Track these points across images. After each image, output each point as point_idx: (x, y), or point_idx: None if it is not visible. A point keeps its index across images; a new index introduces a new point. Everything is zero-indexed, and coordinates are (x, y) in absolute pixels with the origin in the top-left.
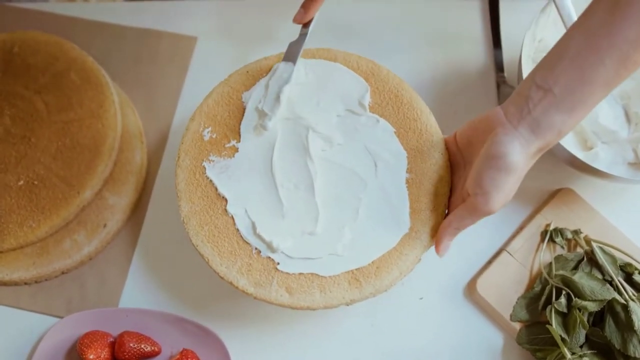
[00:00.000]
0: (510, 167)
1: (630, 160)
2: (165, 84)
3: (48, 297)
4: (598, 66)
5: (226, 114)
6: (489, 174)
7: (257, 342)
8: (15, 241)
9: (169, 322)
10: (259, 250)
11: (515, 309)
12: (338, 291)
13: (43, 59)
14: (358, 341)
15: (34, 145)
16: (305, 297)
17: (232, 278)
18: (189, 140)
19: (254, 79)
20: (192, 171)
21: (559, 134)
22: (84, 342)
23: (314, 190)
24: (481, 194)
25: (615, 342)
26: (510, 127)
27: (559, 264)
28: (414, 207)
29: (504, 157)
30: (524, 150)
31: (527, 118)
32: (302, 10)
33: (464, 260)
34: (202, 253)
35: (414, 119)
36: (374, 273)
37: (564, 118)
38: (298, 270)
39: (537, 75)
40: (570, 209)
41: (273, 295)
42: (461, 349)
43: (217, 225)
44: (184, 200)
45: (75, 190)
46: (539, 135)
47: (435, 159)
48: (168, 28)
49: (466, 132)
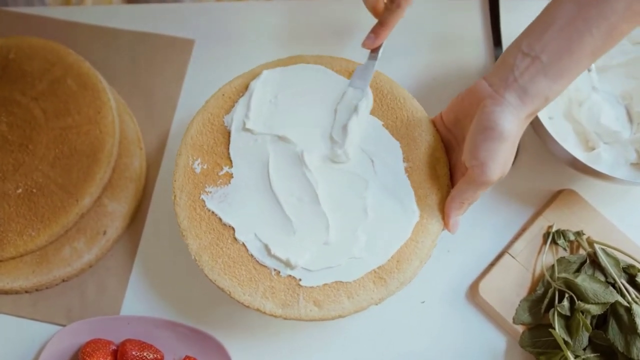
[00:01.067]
0: (503, 136)
1: (633, 161)
2: (163, 88)
3: (49, 306)
4: (586, 35)
5: (212, 141)
6: (484, 145)
7: (259, 348)
8: (15, 250)
9: (171, 330)
10: (277, 270)
11: (517, 311)
12: (365, 293)
13: (39, 65)
14: (361, 346)
15: (31, 153)
16: (335, 307)
17: (257, 305)
18: (180, 176)
19: (231, 101)
20: (191, 207)
21: (546, 100)
22: (86, 350)
23: (318, 200)
24: (478, 165)
25: (618, 345)
26: (497, 96)
27: (562, 266)
28: (419, 194)
29: (496, 126)
30: (515, 118)
31: (513, 86)
32: (373, 36)
33: (466, 263)
34: (222, 287)
35: (398, 107)
36: (396, 267)
37: (551, 85)
38: (321, 281)
39: (524, 43)
40: (572, 211)
41: (302, 312)
42: (464, 352)
43: (230, 256)
44: (190, 237)
45: (74, 197)
46: (527, 102)
47: (428, 142)
48: (165, 31)
49: (452, 110)
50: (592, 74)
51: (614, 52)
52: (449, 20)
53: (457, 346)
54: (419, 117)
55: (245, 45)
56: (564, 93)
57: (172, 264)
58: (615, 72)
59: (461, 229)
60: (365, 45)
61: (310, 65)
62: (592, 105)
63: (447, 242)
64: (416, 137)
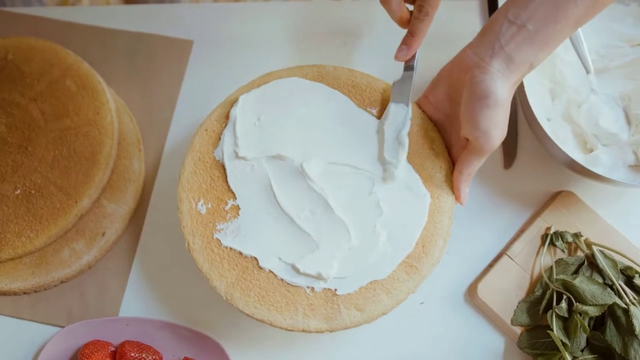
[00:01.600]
0: (498, 102)
1: (631, 163)
2: (162, 89)
3: (48, 307)
4: (570, 4)
5: (208, 179)
6: (482, 114)
7: (258, 350)
8: (14, 251)
9: (170, 331)
10: (311, 287)
11: (516, 313)
12: (401, 285)
13: (38, 66)
14: (361, 348)
15: (30, 154)
16: (376, 306)
17: (301, 326)
18: (188, 221)
19: (216, 134)
20: (208, 249)
21: (531, 67)
22: (85, 352)
23: (331, 207)
24: (482, 135)
25: (616, 347)
26: (484, 64)
27: (560, 267)
28: (424, 176)
29: (490, 94)
30: (505, 84)
31: (500, 53)
32: (405, 47)
33: (464, 264)
34: (262, 319)
35: (380, 99)
36: (423, 252)
37: (536, 52)
38: (357, 285)
39: (510, 12)
40: (571, 212)
41: (347, 320)
42: (462, 353)
43: (260, 286)
44: (215, 279)
45: (73, 199)
46: (514, 69)
47: (418, 125)
48: (163, 32)
49: (439, 86)
50: (591, 76)
51: (612, 54)
52: (448, 20)
53: (455, 347)
54: (426, 127)
55: (243, 46)
56: (562, 95)
57: (171, 265)
58: (614, 74)
59: (460, 231)
60: (398, 58)
61: (284, 80)
62: (591, 107)
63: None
64: (422, 147)
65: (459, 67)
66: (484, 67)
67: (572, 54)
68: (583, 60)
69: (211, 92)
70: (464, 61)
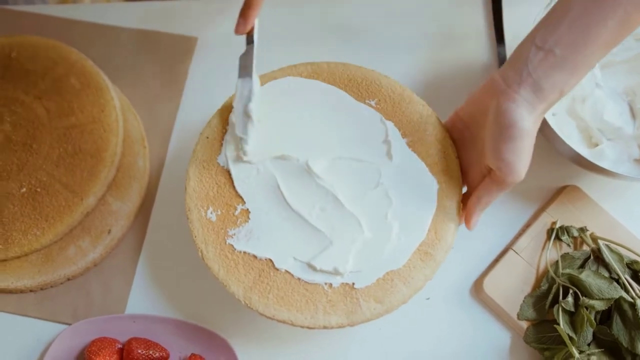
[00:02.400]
0: (523, 134)
1: (636, 157)
2: (166, 86)
3: (54, 305)
4: (600, 26)
5: (215, 186)
6: (506, 145)
7: (264, 346)
8: (20, 249)
9: (176, 328)
10: (329, 283)
11: (522, 307)
12: (417, 273)
13: (42, 64)
14: (366, 343)
15: (35, 152)
16: (395, 297)
17: (322, 323)
18: (200, 230)
19: (217, 141)
20: (222, 255)
21: (561, 93)
22: (92, 349)
23: (341, 202)
24: (505, 166)
25: (622, 340)
26: (511, 92)
27: (566, 262)
28: (429, 163)
29: (514, 124)
30: (531, 114)
31: (527, 80)
32: (242, 20)
33: (470, 259)
34: (283, 319)
35: (377, 90)
36: (436, 238)
37: (566, 78)
38: (374, 277)
39: (537, 37)
40: (576, 207)
41: (367, 313)
42: (469, 348)
43: (278, 287)
44: (232, 285)
45: (78, 196)
46: (542, 97)
47: (419, 111)
48: (167, 29)
49: (469, 107)
50: (596, 70)
51: (617, 48)
52: (451, 17)
53: (461, 342)
54: (399, 92)
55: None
56: None
57: (176, 262)
58: (619, 69)
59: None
60: (237, 31)
61: (278, 80)
62: (596, 102)
63: None
64: (404, 109)
65: (487, 92)
66: (511, 94)
67: None
68: None
69: (215, 88)
70: (492, 87)
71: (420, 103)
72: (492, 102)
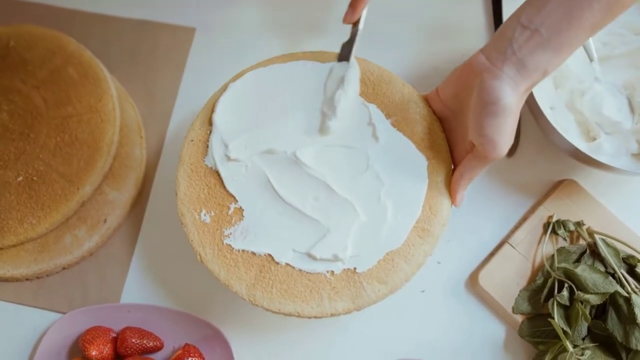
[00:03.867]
0: (506, 111)
1: (634, 151)
2: (164, 77)
3: (50, 293)
4: (587, 9)
5: (206, 188)
6: (489, 122)
7: (258, 336)
8: (16, 238)
9: (171, 318)
10: (331, 270)
11: (517, 301)
12: (417, 249)
13: (40, 54)
14: (362, 336)
15: (32, 141)
16: (398, 275)
17: (329, 311)
18: (195, 233)
19: (202, 143)
20: (220, 256)
21: (545, 73)
22: (86, 338)
23: (333, 190)
24: (487, 142)
25: (617, 335)
26: (495, 69)
27: (562, 256)
28: (415, 140)
29: (497, 101)
30: (515, 91)
31: (512, 59)
32: (350, 9)
33: (466, 252)
34: (289, 312)
35: (388, 89)
36: (431, 213)
37: (550, 58)
38: (375, 259)
39: (523, 16)
40: (573, 201)
41: (372, 295)
42: (463, 341)
43: (280, 280)
44: (235, 283)
45: (75, 185)
46: (525, 75)
47: (400, 91)
48: (165, 19)
49: (450, 84)
50: (595, 64)
51: (616, 42)
52: (450, 9)
53: (456, 336)
54: (378, 73)
55: (245, 33)
56: (565, 84)
57: (172, 252)
58: (618, 63)
59: (462, 219)
60: (345, 20)
61: (254, 72)
62: (594, 96)
63: (447, 232)
64: (384, 89)
65: (471, 70)
66: (495, 72)
67: None
68: (586, 48)
69: (213, 79)
70: (476, 64)
71: (400, 82)
72: (475, 79)
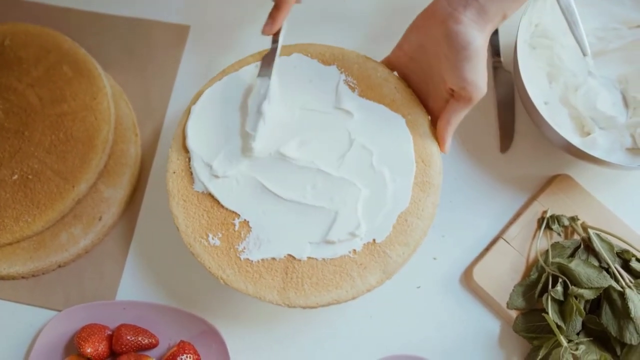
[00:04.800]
0: (478, 52)
1: (628, 146)
2: (159, 74)
3: (46, 291)
4: None
5: (204, 214)
6: (466, 66)
7: (253, 334)
8: (12, 236)
9: (166, 315)
10: (353, 249)
11: (511, 296)
12: (424, 202)
13: (35, 52)
14: (356, 331)
15: (27, 139)
16: (416, 233)
17: (364, 287)
18: (210, 259)
19: (185, 172)
20: (243, 272)
21: (504, 17)
22: (82, 335)
23: (327, 173)
24: (468, 85)
25: (611, 330)
26: (458, 14)
27: (556, 251)
28: (387, 103)
29: (468, 45)
30: (481, 33)
31: (473, 4)
32: (270, 21)
33: (460, 248)
34: (328, 302)
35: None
36: (425, 165)
37: (510, 3)
38: (389, 226)
39: None
40: (567, 196)
41: (399, 260)
42: (458, 336)
43: (310, 275)
44: (265, 292)
45: (70, 183)
46: (487, 19)
47: (355, 61)
48: (160, 17)
49: (412, 37)
50: (588, 59)
51: (610, 37)
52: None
53: (451, 331)
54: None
55: (240, 31)
56: (559, 78)
57: (167, 249)
58: (612, 57)
59: (456, 214)
60: (264, 31)
61: (210, 89)
62: (588, 91)
63: (442, 227)
64: (372, 79)
65: (433, 18)
66: (458, 17)
67: (570, 37)
68: (580, 43)
69: (207, 77)
70: (438, 12)
71: (353, 54)
72: (439, 28)
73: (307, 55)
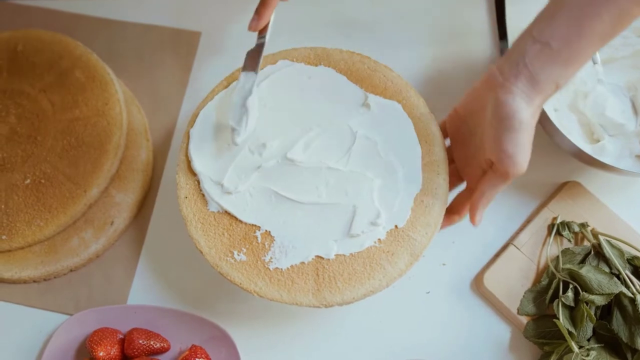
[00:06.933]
0: (522, 125)
1: (638, 153)
2: (170, 80)
3: (57, 295)
4: (596, 20)
5: (225, 232)
6: (507, 137)
7: (264, 339)
8: (24, 240)
9: (177, 319)
10: (377, 239)
11: (522, 302)
12: (436, 180)
13: (48, 57)
14: (366, 336)
15: (40, 144)
16: (435, 211)
17: (395, 274)
18: (240, 276)
19: (198, 194)
20: (274, 282)
21: (557, 87)
22: (94, 339)
23: (337, 169)
24: (506, 157)
25: (622, 336)
26: (508, 84)
27: (566, 257)
28: (379, 92)
29: (513, 116)
30: (529, 105)
31: (524, 72)
32: (256, 17)
33: (471, 254)
34: (364, 294)
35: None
36: (429, 144)
37: (561, 71)
38: (408, 209)
39: (534, 29)
40: (577, 202)
41: (424, 240)
42: (469, 342)
43: (340, 273)
44: (300, 297)
45: (81, 188)
46: (538, 90)
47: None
48: (171, 23)
49: (467, 102)
50: (598, 66)
51: (619, 44)
52: (454, 13)
53: (462, 336)
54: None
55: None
56: (569, 85)
57: (178, 254)
58: (621, 64)
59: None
60: (250, 28)
61: (203, 110)
62: (598, 97)
63: (452, 234)
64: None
65: (485, 85)
66: (508, 87)
67: None
68: None
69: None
70: (489, 81)
71: (336, 51)
72: (489, 95)
73: (293, 60)
